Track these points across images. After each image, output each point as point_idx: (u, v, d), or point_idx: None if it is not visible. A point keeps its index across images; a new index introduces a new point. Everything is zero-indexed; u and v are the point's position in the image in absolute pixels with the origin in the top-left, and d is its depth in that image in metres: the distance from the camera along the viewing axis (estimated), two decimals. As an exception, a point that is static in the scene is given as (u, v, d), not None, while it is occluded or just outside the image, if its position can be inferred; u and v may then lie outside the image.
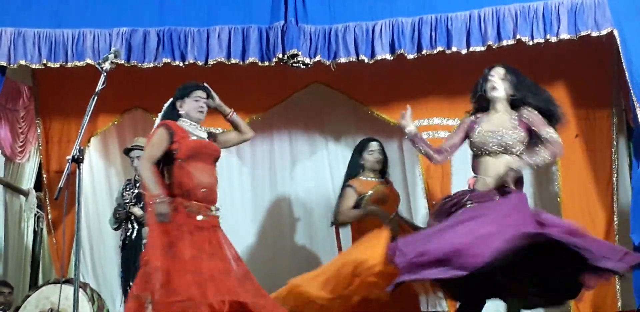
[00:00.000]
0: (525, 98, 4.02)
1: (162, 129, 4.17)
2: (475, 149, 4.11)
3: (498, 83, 4.07)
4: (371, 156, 5.06)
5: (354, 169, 5.10)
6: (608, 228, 5.31)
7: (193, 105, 4.28)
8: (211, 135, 4.40)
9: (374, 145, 5.11)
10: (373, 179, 5.05)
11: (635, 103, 4.72)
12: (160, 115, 4.33)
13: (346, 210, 4.97)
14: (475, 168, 4.11)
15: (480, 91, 4.14)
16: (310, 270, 5.80)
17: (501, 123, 4.03)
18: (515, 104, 4.07)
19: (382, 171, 5.14)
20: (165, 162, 4.16)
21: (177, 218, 4.00)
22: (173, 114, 4.28)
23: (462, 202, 3.98)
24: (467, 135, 4.17)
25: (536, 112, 4.00)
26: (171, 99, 4.32)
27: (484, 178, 4.00)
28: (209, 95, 4.35)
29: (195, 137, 4.22)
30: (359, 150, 5.13)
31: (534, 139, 4.01)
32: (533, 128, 3.99)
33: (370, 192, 4.96)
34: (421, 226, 5.11)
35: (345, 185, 5.05)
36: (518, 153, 3.97)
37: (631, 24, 4.78)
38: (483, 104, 4.17)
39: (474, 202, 3.94)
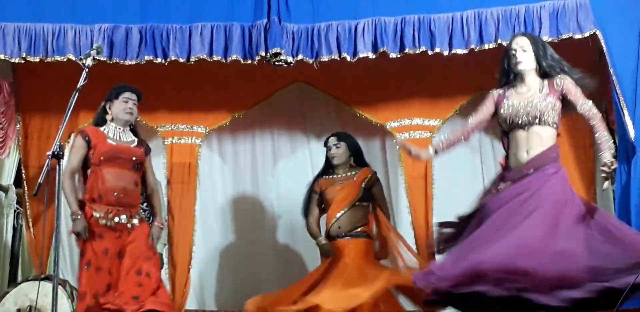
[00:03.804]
0: (554, 67, 3.84)
1: (78, 137, 4.26)
2: (505, 125, 3.90)
3: (522, 55, 3.88)
4: (328, 152, 5.14)
5: (322, 169, 5.22)
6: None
7: (121, 106, 4.30)
8: (141, 143, 4.39)
9: (329, 141, 5.17)
10: (334, 176, 5.11)
11: (623, 105, 4.74)
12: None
13: (310, 225, 5.11)
14: (505, 145, 3.93)
15: (505, 67, 3.94)
16: (293, 269, 5.86)
17: (532, 93, 3.84)
18: (545, 72, 3.87)
19: (355, 163, 5.15)
20: (85, 168, 4.23)
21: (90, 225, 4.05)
22: (102, 118, 4.34)
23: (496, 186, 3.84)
24: (495, 110, 3.94)
25: (569, 79, 3.82)
26: (102, 102, 4.37)
27: (516, 153, 3.81)
28: (139, 98, 4.35)
29: (112, 142, 4.24)
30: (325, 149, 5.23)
31: (567, 107, 3.83)
32: (569, 97, 3.80)
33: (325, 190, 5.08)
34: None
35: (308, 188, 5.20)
36: (551, 122, 3.77)
37: (614, 26, 4.79)
38: (509, 79, 3.96)
39: (507, 180, 3.79)
